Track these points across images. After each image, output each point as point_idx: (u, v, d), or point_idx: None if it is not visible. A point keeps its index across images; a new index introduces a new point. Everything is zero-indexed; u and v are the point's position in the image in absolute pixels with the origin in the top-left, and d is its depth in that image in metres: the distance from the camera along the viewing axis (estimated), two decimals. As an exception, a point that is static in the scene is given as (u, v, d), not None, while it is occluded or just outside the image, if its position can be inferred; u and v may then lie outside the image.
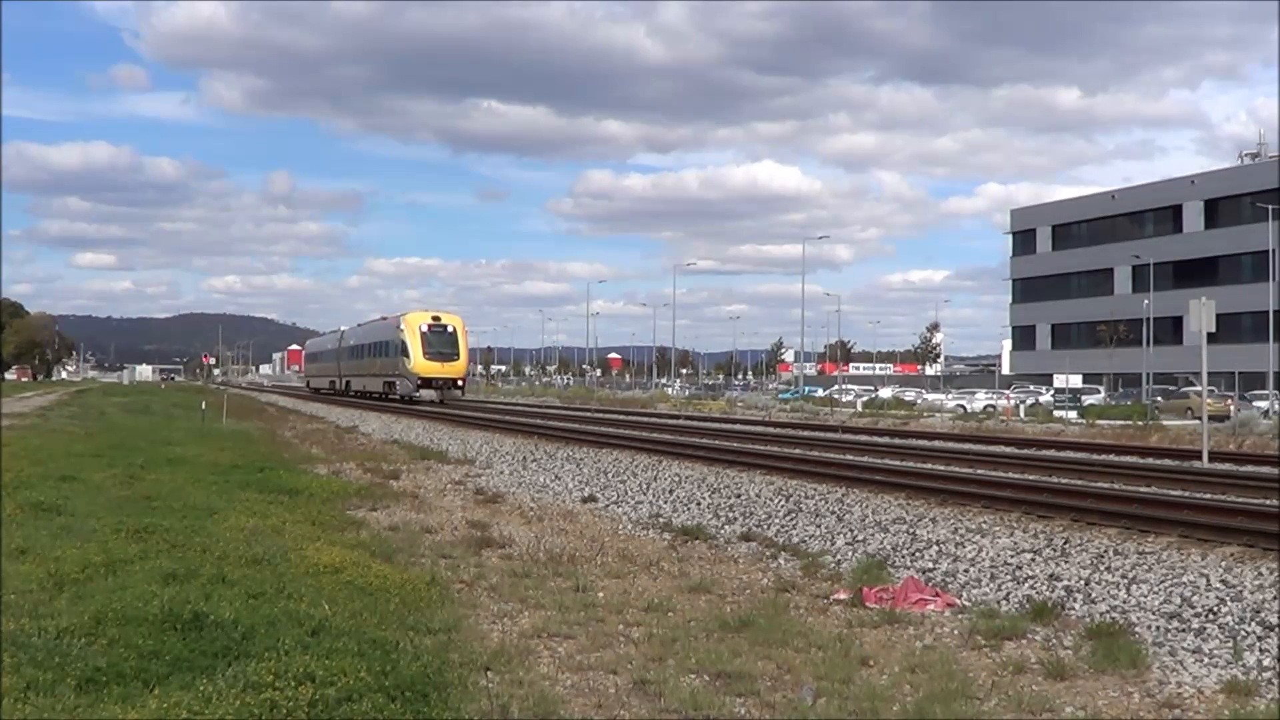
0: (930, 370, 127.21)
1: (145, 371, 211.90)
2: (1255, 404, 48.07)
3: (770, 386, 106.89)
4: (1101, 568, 9.59)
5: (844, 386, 78.56)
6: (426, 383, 48.02)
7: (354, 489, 16.49)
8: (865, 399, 65.91)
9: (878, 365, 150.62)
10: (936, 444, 24.46)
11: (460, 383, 50.27)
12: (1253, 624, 7.82)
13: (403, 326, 49.72)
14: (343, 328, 70.90)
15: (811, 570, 10.64)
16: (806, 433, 30.39)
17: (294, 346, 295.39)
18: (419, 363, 48.12)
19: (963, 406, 59.66)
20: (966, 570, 10.20)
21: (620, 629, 8.02)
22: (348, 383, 63.81)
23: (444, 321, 50.28)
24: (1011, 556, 10.32)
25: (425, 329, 48.99)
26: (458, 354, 49.62)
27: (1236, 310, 67.38)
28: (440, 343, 48.90)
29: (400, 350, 49.46)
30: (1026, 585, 9.49)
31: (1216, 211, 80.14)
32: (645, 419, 37.94)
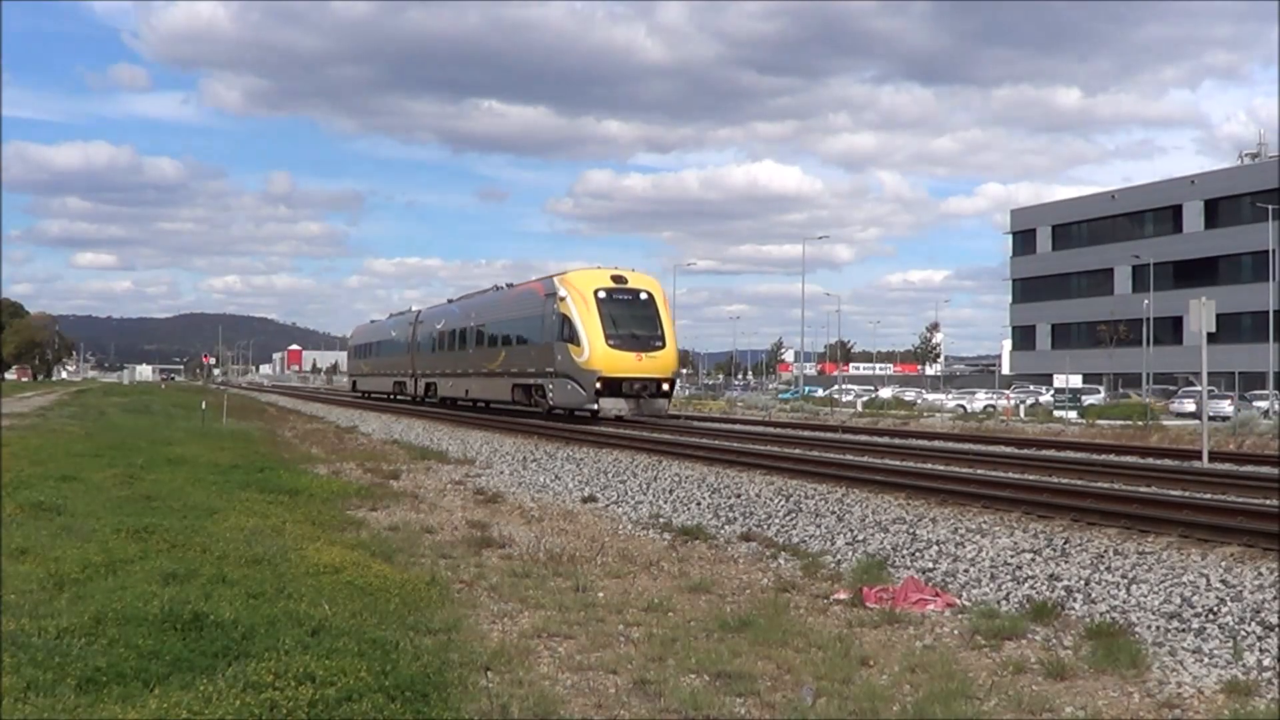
0: (930, 370, 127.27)
1: (145, 371, 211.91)
2: (1255, 404, 48.08)
3: (770, 386, 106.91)
4: (1101, 568, 9.59)
5: (844, 386, 78.62)
6: (611, 386, 29.31)
7: (354, 489, 16.49)
8: (865, 399, 66.00)
9: (878, 365, 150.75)
10: (936, 444, 24.45)
11: (667, 387, 30.94)
12: (1253, 624, 7.82)
13: (562, 292, 30.59)
14: (415, 307, 52.25)
15: (811, 570, 10.64)
16: (806, 433, 30.37)
17: (294, 346, 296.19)
18: (599, 352, 29.28)
19: (963, 406, 59.76)
20: (966, 570, 10.19)
21: (620, 629, 8.01)
22: (430, 386, 45.68)
23: (633, 284, 30.98)
24: (1011, 556, 10.31)
25: (603, 295, 30.14)
26: (662, 337, 30.41)
27: (1236, 310, 67.51)
28: (632, 318, 30.26)
29: (558, 332, 30.51)
30: (1026, 585, 9.48)
31: (1216, 211, 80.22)
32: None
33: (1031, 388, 69.21)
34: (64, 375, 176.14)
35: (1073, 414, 47.28)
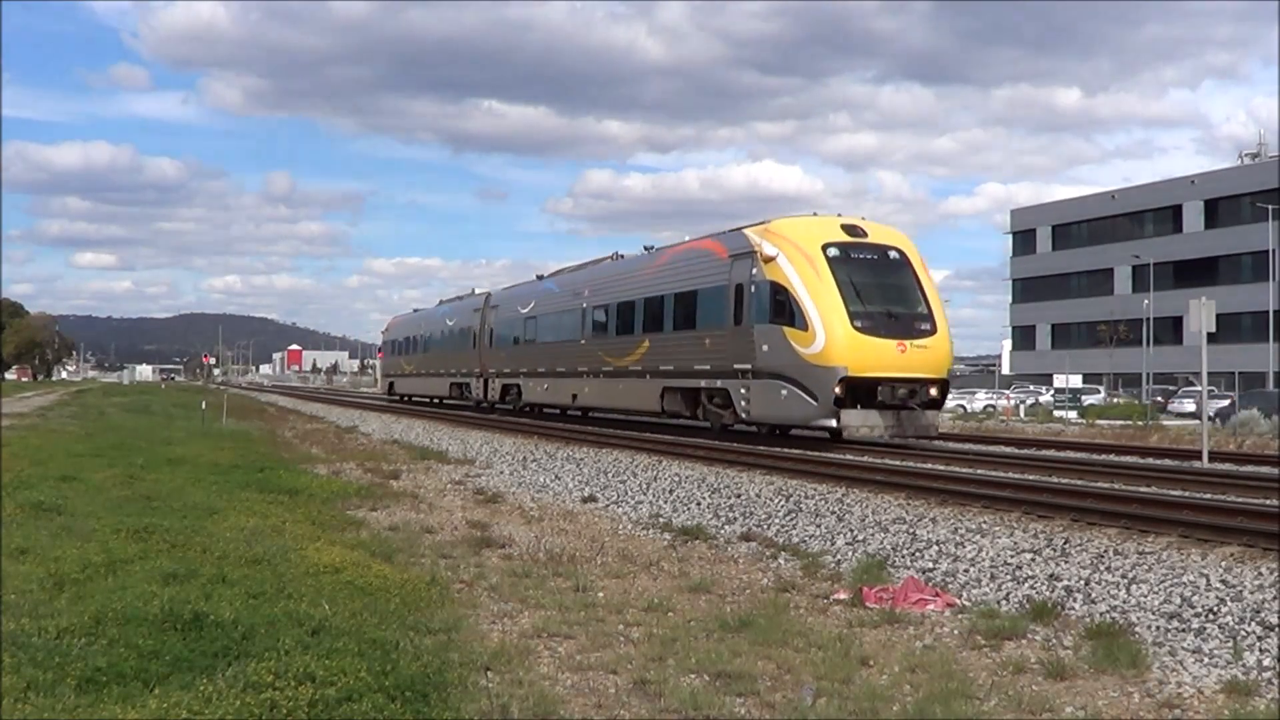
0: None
1: (145, 371, 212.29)
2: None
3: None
4: (1101, 568, 9.59)
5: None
6: (860, 392, 20.10)
7: (354, 489, 16.48)
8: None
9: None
10: (936, 444, 24.43)
11: (937, 393, 21.13)
12: (1253, 624, 7.82)
13: (770, 249, 21.00)
14: (479, 289, 42.33)
15: (811, 570, 10.64)
16: (807, 432, 30.33)
17: (294, 346, 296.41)
18: (841, 339, 19.89)
19: (963, 406, 59.67)
20: (966, 570, 10.19)
21: (620, 629, 8.01)
22: (508, 389, 35.61)
23: (877, 239, 21.71)
24: (1011, 556, 10.32)
25: (836, 254, 20.77)
26: (931, 318, 21.00)
27: (1236, 310, 67.53)
28: (885, 289, 21.07)
29: (765, 309, 21.12)
30: (1026, 585, 9.48)
31: (1216, 211, 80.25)
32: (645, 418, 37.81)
33: (1031, 388, 69.22)
34: (64, 375, 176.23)
35: (1073, 414, 47.28)
